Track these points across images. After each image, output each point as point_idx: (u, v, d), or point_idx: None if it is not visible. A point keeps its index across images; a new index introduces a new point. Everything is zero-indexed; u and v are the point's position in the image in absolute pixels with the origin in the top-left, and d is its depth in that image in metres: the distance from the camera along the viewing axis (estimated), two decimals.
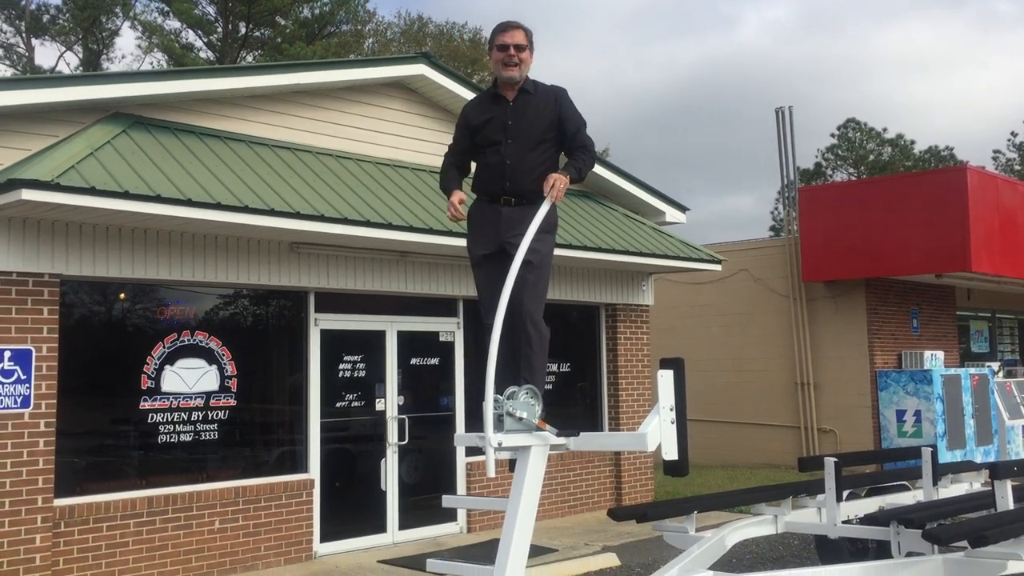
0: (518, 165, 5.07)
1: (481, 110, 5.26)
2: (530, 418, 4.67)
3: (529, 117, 5.13)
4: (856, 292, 17.04)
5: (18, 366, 7.59)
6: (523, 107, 5.15)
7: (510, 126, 5.10)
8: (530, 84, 5.20)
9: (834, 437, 16.97)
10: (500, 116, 5.15)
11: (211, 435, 8.89)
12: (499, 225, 5.08)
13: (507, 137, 5.10)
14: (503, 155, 5.08)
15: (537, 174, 5.05)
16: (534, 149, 5.11)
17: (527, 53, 5.13)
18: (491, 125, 5.15)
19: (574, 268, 11.88)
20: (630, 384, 12.69)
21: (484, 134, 5.18)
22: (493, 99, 5.23)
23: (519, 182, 5.07)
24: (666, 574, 5.49)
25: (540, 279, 5.06)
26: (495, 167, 5.11)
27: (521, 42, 5.10)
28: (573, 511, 11.81)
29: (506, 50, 5.09)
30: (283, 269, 9.26)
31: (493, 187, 5.14)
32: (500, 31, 5.16)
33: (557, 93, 5.23)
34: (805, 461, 8.12)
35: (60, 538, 7.78)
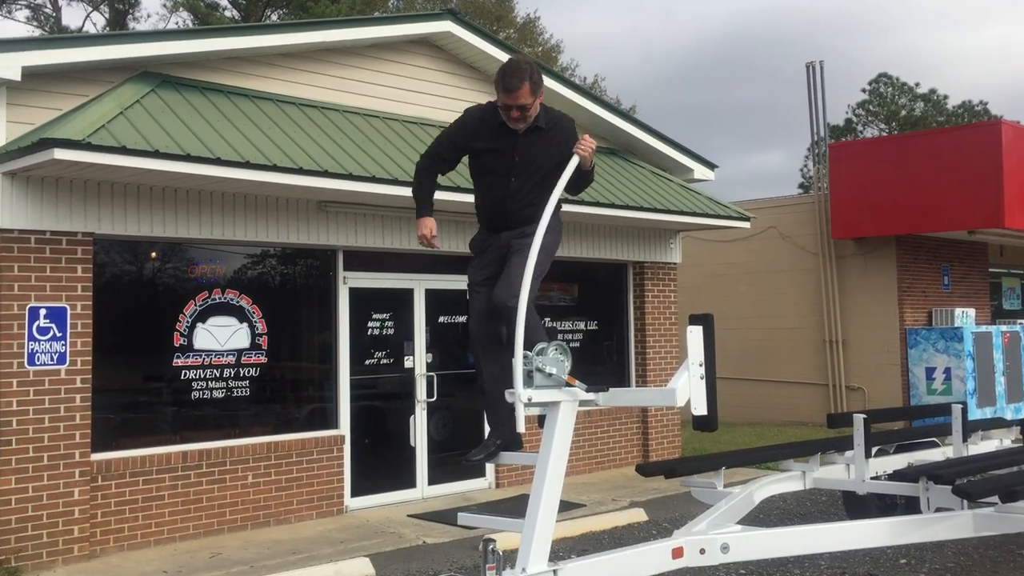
0: (520, 202, 4.85)
1: (486, 135, 4.87)
2: (559, 374, 4.68)
3: (538, 154, 4.84)
4: (886, 249, 16.89)
5: (54, 324, 7.71)
6: (533, 143, 4.85)
7: (517, 163, 4.82)
8: (542, 118, 4.84)
9: (862, 395, 16.92)
10: (507, 150, 4.83)
11: (243, 391, 9.02)
12: (499, 243, 4.96)
13: (512, 174, 4.83)
14: (507, 192, 4.84)
15: (537, 206, 4.79)
16: (537, 185, 4.87)
17: (534, 106, 4.76)
18: (496, 156, 4.85)
19: (601, 226, 11.84)
20: (657, 342, 12.70)
21: (486, 163, 4.89)
22: (501, 128, 4.84)
23: (520, 216, 4.87)
24: (695, 528, 5.53)
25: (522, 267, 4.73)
26: (497, 202, 4.88)
27: (525, 102, 4.72)
28: (600, 467, 11.89)
29: (509, 111, 4.77)
30: (312, 227, 9.31)
31: (494, 220, 4.96)
32: (503, 91, 4.69)
33: (569, 132, 4.93)
34: (834, 417, 8.11)
35: (98, 491, 7.95)
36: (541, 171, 4.85)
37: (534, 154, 4.84)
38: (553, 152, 4.85)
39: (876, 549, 7.41)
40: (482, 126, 4.89)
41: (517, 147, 4.83)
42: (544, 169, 4.85)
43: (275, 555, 7.84)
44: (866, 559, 7.46)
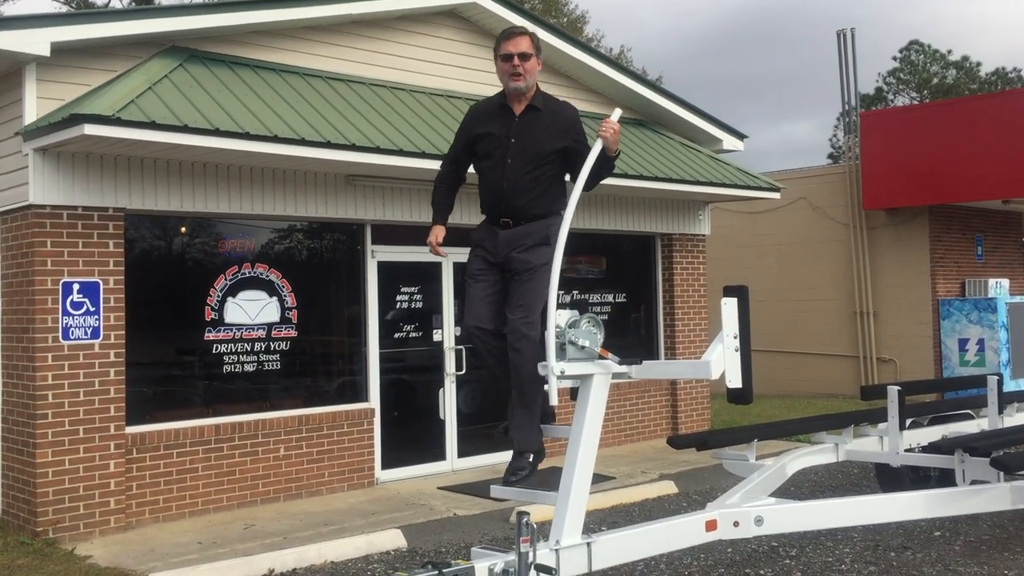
0: (516, 186, 4.79)
1: (485, 120, 4.94)
2: (592, 346, 4.66)
3: (534, 136, 4.81)
4: (919, 219, 16.68)
5: (87, 298, 7.78)
6: (529, 124, 4.82)
7: (512, 144, 4.80)
8: (539, 99, 4.88)
9: (893, 367, 16.78)
10: (503, 131, 4.84)
11: (274, 365, 9.07)
12: (497, 244, 4.87)
13: (507, 156, 4.80)
14: (501, 175, 4.80)
15: (535, 195, 4.80)
16: (534, 170, 4.80)
17: (533, 61, 4.80)
18: (493, 139, 4.85)
19: (629, 198, 11.76)
20: (686, 314, 12.63)
21: (484, 146, 4.89)
22: (499, 110, 4.91)
23: (516, 204, 4.80)
24: (728, 500, 5.51)
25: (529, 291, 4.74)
26: (494, 186, 4.85)
27: (526, 50, 4.77)
28: (629, 440, 11.88)
29: (510, 60, 4.77)
30: (340, 201, 9.31)
31: (492, 208, 4.91)
32: (503, 39, 4.83)
33: (570, 120, 4.91)
34: (867, 389, 8.05)
35: (133, 464, 8.05)
36: (538, 154, 4.78)
37: (531, 134, 4.79)
38: (551, 135, 4.80)
39: (909, 522, 7.36)
40: (482, 114, 4.99)
41: (513, 128, 4.83)
42: (541, 152, 4.78)
43: (308, 526, 7.91)
44: (900, 532, 7.42)
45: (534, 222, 4.83)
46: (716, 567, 6.66)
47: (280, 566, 6.90)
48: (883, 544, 7.15)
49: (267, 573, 6.80)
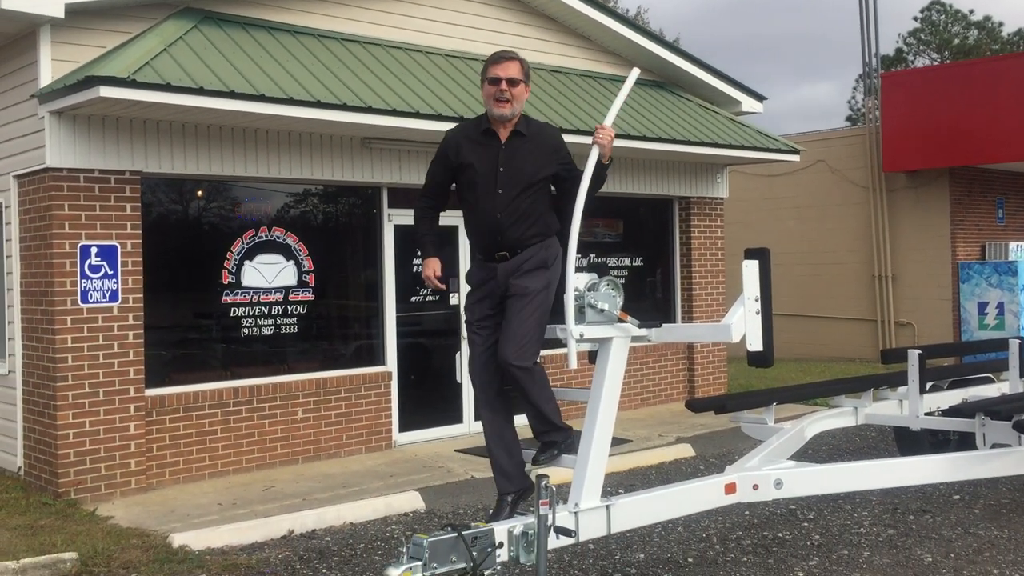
0: (511, 216, 4.62)
1: (469, 149, 4.70)
2: (611, 309, 4.63)
3: (522, 162, 4.64)
4: (939, 182, 16.49)
5: (105, 262, 7.79)
6: (517, 151, 4.65)
7: (502, 173, 4.62)
8: (523, 124, 4.71)
9: (912, 330, 16.69)
10: (491, 159, 4.64)
11: (291, 328, 9.09)
12: (496, 281, 4.71)
13: (498, 186, 4.62)
14: (495, 206, 4.61)
15: (531, 223, 4.66)
16: (525, 196, 4.64)
17: (521, 87, 4.64)
18: (480, 169, 4.65)
19: (647, 160, 11.66)
20: (703, 278, 12.57)
21: (470, 177, 4.68)
22: (483, 136, 4.70)
23: (513, 233, 4.64)
24: (747, 464, 5.49)
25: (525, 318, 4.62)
26: (487, 219, 4.66)
27: (515, 76, 4.61)
28: (646, 403, 11.88)
29: (498, 84, 4.60)
30: (356, 165, 9.26)
31: (487, 242, 4.73)
32: (492, 62, 4.65)
33: (556, 142, 4.76)
34: (888, 353, 7.99)
35: (152, 426, 8.10)
36: (529, 182, 4.64)
37: (518, 161, 4.63)
38: (538, 159, 4.66)
39: (929, 485, 7.35)
40: (464, 140, 4.74)
41: (501, 156, 4.64)
42: (529, 177, 4.64)
43: (326, 488, 7.96)
44: (919, 495, 7.40)
45: (528, 249, 4.68)
46: (734, 530, 6.68)
47: (300, 527, 6.95)
48: (902, 507, 7.14)
49: (287, 534, 6.86)
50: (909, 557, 5.98)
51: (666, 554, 6.16)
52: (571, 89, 10.77)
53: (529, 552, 4.27)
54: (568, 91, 10.68)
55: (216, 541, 6.60)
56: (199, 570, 6.03)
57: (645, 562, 6.01)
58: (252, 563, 6.17)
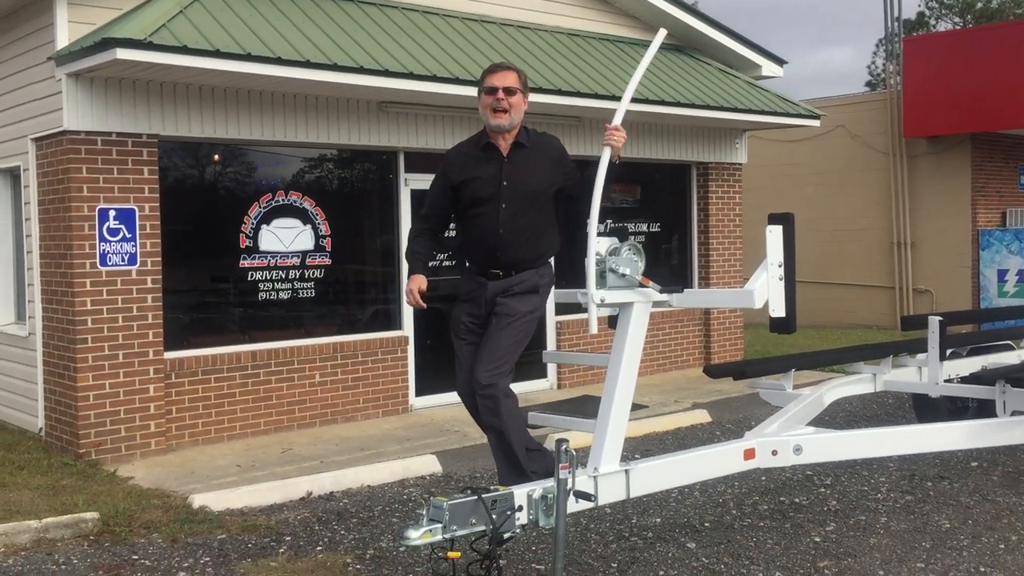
0: (512, 233, 4.52)
1: (469, 164, 4.59)
2: (633, 274, 4.61)
3: (526, 175, 4.54)
4: (961, 148, 16.31)
5: (123, 225, 7.80)
6: (519, 163, 4.54)
7: (505, 187, 4.51)
8: (523, 135, 4.60)
9: (930, 297, 16.60)
10: (493, 174, 4.53)
11: (308, 293, 9.10)
12: (485, 294, 4.64)
13: (501, 200, 4.51)
14: (497, 221, 4.51)
15: (532, 242, 4.57)
16: (528, 212, 4.55)
17: (519, 96, 4.51)
18: (482, 184, 4.53)
19: (664, 125, 11.55)
20: (721, 244, 12.50)
21: (472, 192, 4.56)
22: (483, 151, 4.58)
23: (512, 252, 4.56)
24: (766, 429, 5.49)
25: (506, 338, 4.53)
26: (487, 235, 4.55)
27: (512, 85, 4.49)
28: (662, 369, 11.88)
29: (494, 93, 4.47)
30: (372, 129, 9.22)
31: (483, 257, 4.63)
32: (489, 73, 4.56)
33: (558, 152, 4.65)
34: (908, 320, 7.94)
35: (172, 388, 8.15)
36: (530, 193, 4.55)
37: (521, 175, 4.53)
38: (541, 171, 4.57)
39: (947, 452, 7.33)
40: (464, 157, 4.64)
41: (503, 170, 4.52)
42: (532, 191, 4.55)
43: (344, 451, 8.01)
44: (936, 462, 7.39)
45: (524, 272, 4.61)
46: (750, 495, 6.69)
47: (318, 489, 7.00)
48: (919, 474, 7.13)
49: (305, 496, 6.91)
50: (927, 523, 5.98)
51: (683, 519, 6.18)
52: (590, 54, 10.66)
53: (548, 516, 4.28)
54: (588, 56, 10.57)
55: (235, 502, 6.66)
56: (219, 530, 6.09)
57: (662, 526, 6.04)
58: (271, 524, 6.23)
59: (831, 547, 5.57)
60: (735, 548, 5.58)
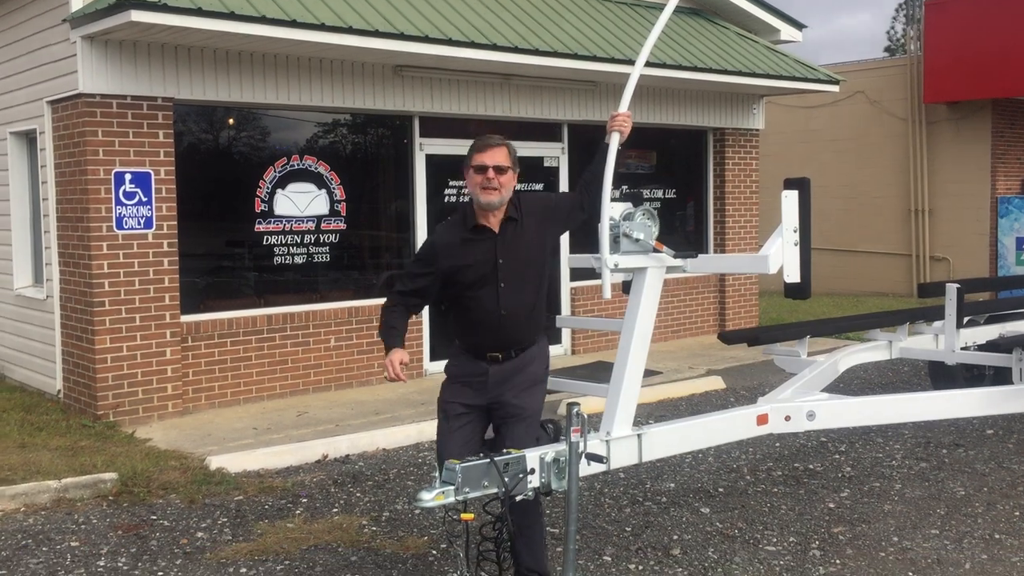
0: (514, 311, 4.28)
1: (461, 250, 4.28)
2: (647, 239, 4.57)
3: (522, 249, 4.30)
4: (981, 114, 16.11)
5: (139, 188, 7.82)
6: (512, 238, 4.28)
7: (501, 265, 4.26)
8: (512, 209, 4.31)
9: (947, 265, 16.48)
10: (487, 255, 4.26)
11: (323, 257, 9.11)
12: (486, 384, 4.34)
13: (500, 280, 4.26)
14: (498, 303, 4.26)
15: (533, 315, 4.35)
16: (528, 284, 4.33)
17: (510, 174, 4.26)
18: (477, 267, 4.25)
19: (681, 90, 11.45)
20: (737, 211, 12.43)
21: (468, 277, 4.27)
22: (474, 233, 4.29)
23: (514, 332, 4.31)
24: (781, 395, 5.48)
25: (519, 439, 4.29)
26: (487, 317, 4.28)
27: (502, 163, 4.23)
28: (676, 336, 11.87)
29: (484, 172, 4.20)
30: (388, 93, 9.17)
31: (484, 341, 4.34)
32: (478, 150, 4.26)
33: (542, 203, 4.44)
34: (925, 287, 7.89)
35: (188, 352, 8.21)
36: (528, 265, 4.34)
37: (516, 250, 4.30)
38: (535, 239, 4.34)
39: (962, 420, 7.32)
40: (453, 243, 4.32)
41: (497, 248, 4.28)
42: (531, 261, 4.34)
43: (359, 415, 8.06)
44: (951, 429, 7.38)
45: (525, 352, 4.38)
46: (764, 461, 6.70)
47: (333, 452, 7.06)
48: (934, 441, 7.12)
49: (321, 458, 6.97)
50: (941, 490, 5.98)
51: (696, 484, 6.20)
52: (606, 16, 10.55)
53: (560, 478, 4.29)
54: (604, 18, 10.46)
55: (252, 464, 6.73)
56: (236, 492, 6.16)
57: (676, 491, 6.06)
58: (288, 486, 6.29)
59: (845, 513, 5.58)
60: (749, 513, 5.60)
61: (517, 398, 4.35)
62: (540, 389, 4.47)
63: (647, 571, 4.77)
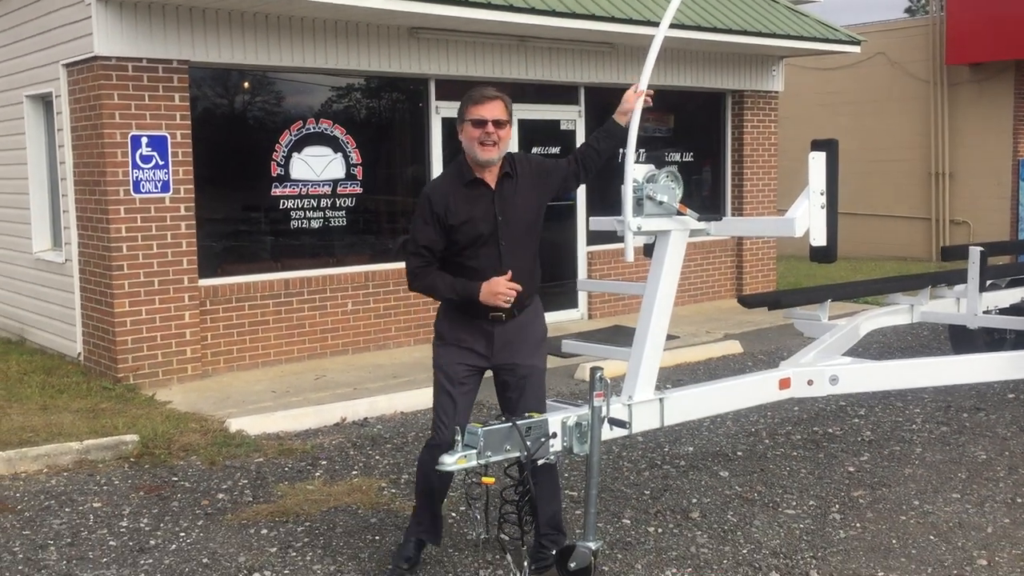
0: (515, 270, 4.13)
1: (458, 203, 4.12)
2: (671, 201, 4.53)
3: (518, 208, 4.18)
4: (1004, 75, 15.87)
5: (156, 152, 7.79)
6: (510, 195, 4.17)
7: (501, 222, 4.13)
8: (508, 165, 4.21)
9: (967, 228, 16.34)
10: (486, 211, 4.13)
11: (339, 222, 9.09)
12: (492, 345, 4.22)
13: (500, 238, 4.14)
14: (499, 261, 4.13)
15: (531, 274, 4.23)
16: (526, 244, 4.21)
17: (507, 129, 4.13)
18: (476, 223, 4.11)
19: (699, 52, 11.31)
20: (755, 174, 12.32)
21: (468, 235, 4.11)
22: (470, 188, 4.14)
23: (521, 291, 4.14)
24: (802, 359, 5.44)
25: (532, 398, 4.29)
26: (489, 276, 4.11)
27: (501, 117, 4.11)
28: (693, 300, 11.82)
29: (483, 126, 4.08)
30: (403, 55, 9.09)
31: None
32: (475, 103, 4.13)
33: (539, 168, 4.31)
34: (948, 250, 7.82)
35: (207, 315, 8.23)
36: (526, 225, 4.23)
37: (515, 208, 4.19)
38: (532, 198, 4.24)
39: (982, 384, 7.28)
40: (450, 197, 4.15)
41: (496, 203, 4.15)
42: (528, 222, 4.23)
43: (376, 378, 8.07)
44: (972, 393, 7.34)
45: (524, 311, 4.27)
46: (783, 425, 6.68)
47: (352, 415, 7.08)
48: (955, 405, 7.08)
49: (340, 421, 7.00)
50: (963, 454, 5.96)
51: (715, 447, 6.20)
52: None
53: (583, 443, 4.28)
54: None
55: (271, 427, 6.76)
56: (256, 454, 6.19)
57: (694, 455, 6.06)
58: (307, 448, 6.31)
59: (865, 477, 5.57)
60: (768, 477, 5.60)
61: (531, 358, 4.30)
62: (546, 347, 4.42)
63: (666, 534, 4.78)
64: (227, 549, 4.67)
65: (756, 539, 4.68)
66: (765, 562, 4.42)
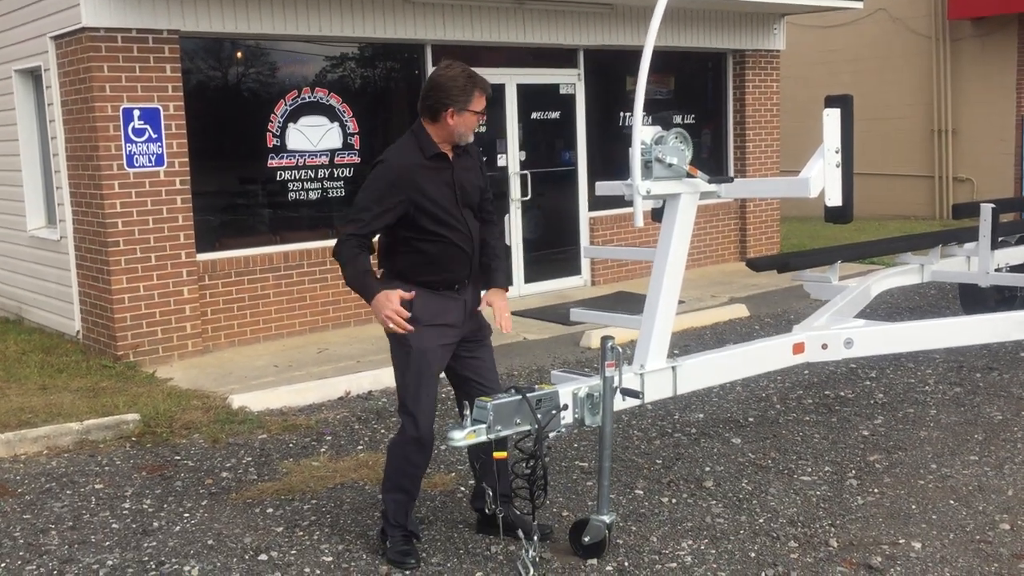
0: (477, 240, 4.19)
1: (423, 176, 4.03)
2: (680, 164, 4.41)
3: (472, 177, 4.20)
4: (1008, 29, 15.62)
5: (148, 125, 7.63)
6: (464, 168, 4.17)
7: (460, 195, 4.12)
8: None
9: (971, 186, 16.18)
10: (446, 183, 4.08)
11: (338, 192, 8.94)
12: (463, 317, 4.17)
13: (460, 208, 4.12)
14: (469, 233, 4.12)
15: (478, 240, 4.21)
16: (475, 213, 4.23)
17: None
18: (439, 195, 4.04)
19: (698, 10, 11.09)
20: (758, 135, 12.15)
21: (431, 208, 4.02)
22: (434, 160, 4.08)
23: (474, 260, 4.19)
24: (816, 322, 5.34)
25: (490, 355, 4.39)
26: (460, 251, 4.09)
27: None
28: (696, 264, 11.69)
29: (480, 115, 4.15)
30: (398, 21, 8.89)
31: (456, 274, 4.11)
32: (484, 91, 4.12)
33: (478, 156, 4.33)
34: (959, 208, 7.69)
35: (206, 290, 8.10)
36: (479, 194, 4.21)
37: (468, 177, 4.18)
38: (478, 173, 4.26)
39: (995, 343, 7.18)
40: (418, 170, 4.04)
41: (454, 176, 4.10)
42: (478, 190, 4.22)
43: (379, 351, 7.96)
44: (984, 353, 7.24)
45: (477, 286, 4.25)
46: (794, 389, 6.59)
47: (356, 388, 6.99)
48: (967, 365, 6.99)
49: (343, 395, 6.90)
50: (978, 415, 5.87)
51: (726, 414, 6.11)
52: None
53: (594, 414, 4.19)
54: None
55: (274, 402, 6.67)
56: (259, 430, 6.10)
57: (705, 421, 5.97)
58: (311, 423, 6.22)
59: (880, 441, 5.48)
60: (781, 443, 5.51)
61: (483, 320, 4.31)
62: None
63: (680, 504, 4.69)
64: (232, 529, 4.59)
65: (772, 507, 4.60)
66: (783, 531, 4.33)
